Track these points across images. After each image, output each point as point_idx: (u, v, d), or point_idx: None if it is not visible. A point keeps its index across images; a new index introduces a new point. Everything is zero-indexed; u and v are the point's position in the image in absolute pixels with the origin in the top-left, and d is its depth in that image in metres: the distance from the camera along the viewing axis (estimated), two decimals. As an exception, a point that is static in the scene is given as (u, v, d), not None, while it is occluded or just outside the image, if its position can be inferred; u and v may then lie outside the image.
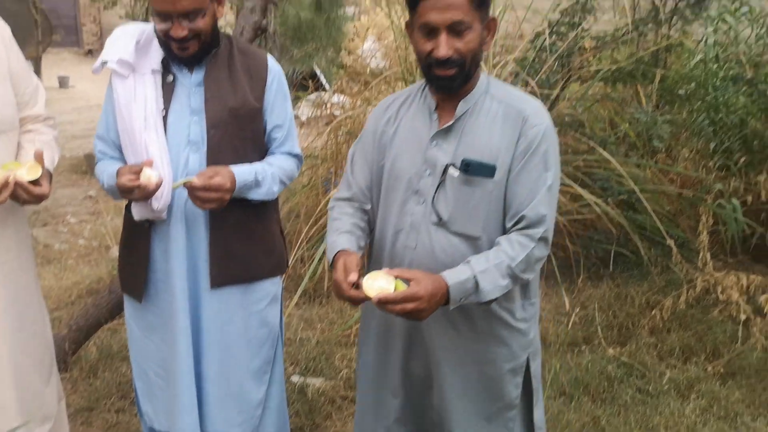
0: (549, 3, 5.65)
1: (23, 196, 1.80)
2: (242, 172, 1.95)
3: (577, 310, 3.84)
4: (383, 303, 1.53)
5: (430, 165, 1.71)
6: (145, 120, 1.93)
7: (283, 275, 2.26)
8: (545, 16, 4.69)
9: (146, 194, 1.85)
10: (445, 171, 1.69)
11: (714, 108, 4.37)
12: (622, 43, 4.60)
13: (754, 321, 3.30)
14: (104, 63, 1.98)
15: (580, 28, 4.36)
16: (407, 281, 1.56)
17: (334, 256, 1.71)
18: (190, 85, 1.98)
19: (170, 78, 1.98)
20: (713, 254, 3.85)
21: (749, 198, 4.15)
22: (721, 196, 4.13)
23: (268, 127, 2.09)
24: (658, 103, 4.83)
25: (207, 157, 1.97)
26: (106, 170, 2.02)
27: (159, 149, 1.92)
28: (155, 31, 1.93)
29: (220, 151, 1.97)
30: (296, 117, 3.99)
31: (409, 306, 1.52)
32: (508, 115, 1.68)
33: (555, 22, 4.46)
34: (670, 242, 3.82)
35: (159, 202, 1.91)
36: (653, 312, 3.59)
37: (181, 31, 1.84)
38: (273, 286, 2.17)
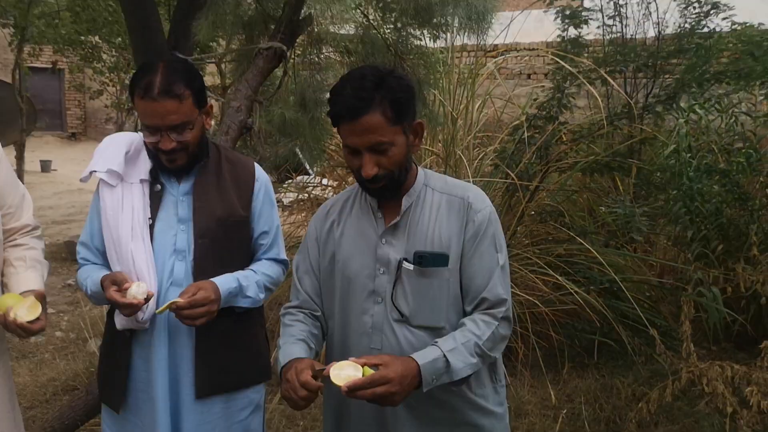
0: (524, 90, 5.85)
1: (21, 334, 1.80)
2: (225, 281, 1.95)
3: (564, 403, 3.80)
4: (353, 390, 1.48)
5: (383, 263, 1.73)
6: (132, 229, 1.94)
7: (267, 382, 2.22)
8: (523, 109, 4.85)
9: (133, 311, 1.85)
10: (399, 267, 1.70)
11: (689, 197, 4.47)
12: (598, 136, 4.74)
13: (741, 413, 3.28)
14: (93, 172, 2.00)
15: (557, 123, 4.49)
16: (376, 367, 1.52)
17: (285, 364, 1.66)
18: (178, 194, 2.01)
19: (158, 187, 2.00)
20: (696, 342, 3.85)
21: (729, 287, 4.19)
22: (700, 284, 4.17)
23: (255, 234, 2.11)
24: (635, 194, 4.93)
25: (193, 266, 1.97)
26: (90, 276, 2.01)
27: (146, 259, 1.93)
28: (144, 142, 1.96)
29: (206, 260, 1.98)
30: (279, 201, 4.01)
31: (380, 390, 1.49)
32: (451, 203, 1.73)
33: (532, 116, 4.60)
34: (653, 332, 3.82)
35: (144, 314, 1.90)
36: (640, 405, 3.55)
37: (169, 143, 1.88)
38: (256, 393, 2.13)
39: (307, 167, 8.50)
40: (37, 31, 8.11)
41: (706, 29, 4.85)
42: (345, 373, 1.51)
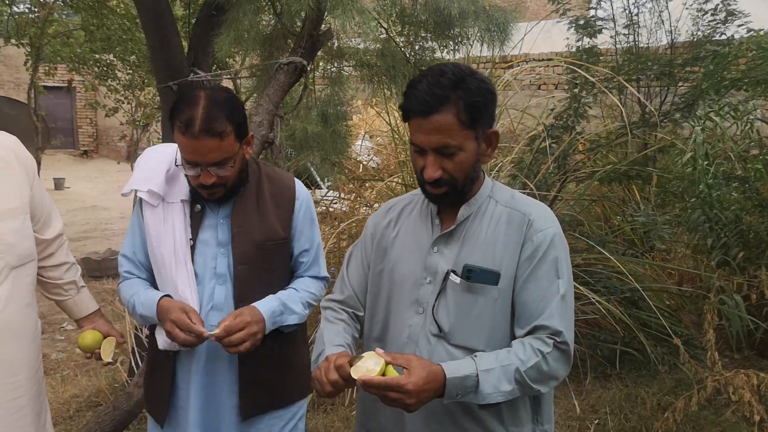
0: (539, 101, 5.86)
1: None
2: (267, 303, 1.93)
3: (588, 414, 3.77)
4: (366, 385, 1.42)
5: (431, 272, 1.63)
6: (174, 253, 1.93)
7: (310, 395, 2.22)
8: (539, 119, 4.85)
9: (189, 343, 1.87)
10: (445, 278, 1.59)
11: (708, 204, 4.46)
12: (616, 145, 4.74)
13: (768, 422, 3.25)
14: (134, 190, 1.99)
15: (574, 133, 4.50)
16: (400, 368, 1.44)
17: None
18: (218, 216, 1.98)
19: (198, 207, 1.98)
20: (718, 350, 3.83)
21: (752, 294, 4.16)
22: (722, 292, 4.15)
23: (296, 252, 2.08)
24: (656, 202, 4.92)
25: (233, 291, 1.96)
26: (138, 293, 1.99)
27: (188, 284, 1.92)
28: (185, 175, 1.94)
29: (246, 286, 1.96)
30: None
31: (393, 395, 1.40)
32: (512, 219, 1.60)
33: (550, 126, 4.60)
34: (677, 341, 3.80)
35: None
36: (666, 415, 3.53)
37: (209, 179, 1.85)
38: (299, 408, 2.13)
39: (319, 181, 8.56)
40: (52, 49, 8.19)
41: (723, 36, 4.86)
42: (365, 365, 1.45)
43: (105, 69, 8.08)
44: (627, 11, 5.41)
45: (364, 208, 4.96)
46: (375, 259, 1.77)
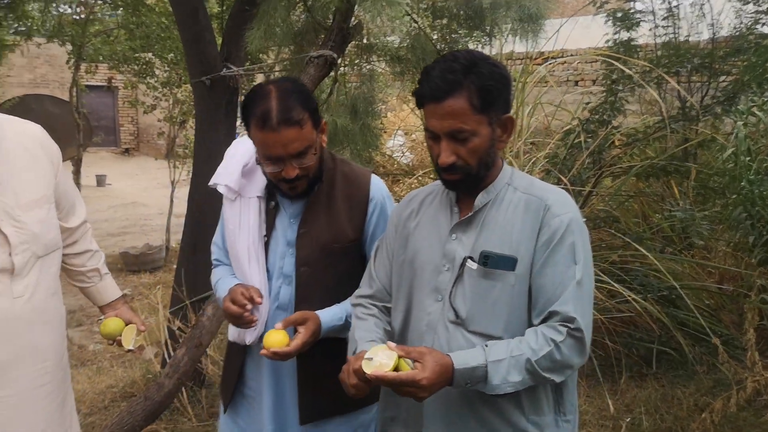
0: (575, 97, 5.76)
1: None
2: (331, 319, 1.89)
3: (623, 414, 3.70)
4: (379, 381, 1.43)
5: (449, 259, 1.62)
6: (248, 248, 1.94)
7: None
8: (574, 113, 4.77)
9: (241, 322, 1.89)
10: (462, 264, 1.59)
11: (750, 201, 4.33)
12: (654, 139, 4.63)
13: (811, 424, 3.14)
14: (216, 184, 2.02)
15: (610, 127, 4.41)
16: (411, 361, 1.45)
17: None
18: (288, 216, 1.96)
19: (272, 204, 1.97)
20: (760, 351, 3.71)
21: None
22: (764, 291, 4.03)
23: (368, 255, 1.98)
24: (695, 198, 4.80)
25: (296, 294, 1.94)
26: (221, 279, 2.06)
27: (260, 282, 1.94)
28: (263, 173, 1.92)
29: (308, 288, 1.94)
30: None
31: (406, 389, 1.42)
32: (529, 204, 1.59)
33: (585, 120, 4.52)
34: (716, 340, 3.70)
35: (253, 336, 1.95)
36: (703, 415, 3.44)
37: (293, 171, 1.81)
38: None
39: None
40: (93, 48, 8.35)
41: (766, 28, 4.71)
42: (378, 359, 1.45)
43: (144, 67, 8.20)
44: (666, 3, 5.28)
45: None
46: (398, 249, 1.76)
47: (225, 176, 1.98)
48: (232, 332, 2.00)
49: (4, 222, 1.74)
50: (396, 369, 1.45)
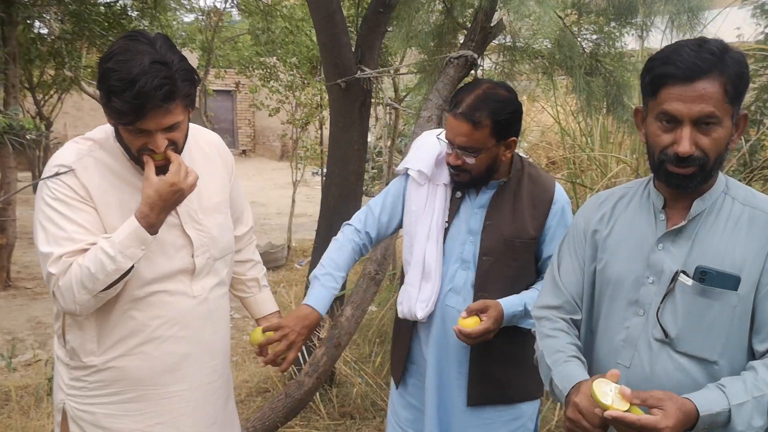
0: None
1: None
2: (512, 305, 1.97)
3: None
4: (617, 421, 1.31)
5: (655, 271, 1.49)
6: (429, 229, 2.06)
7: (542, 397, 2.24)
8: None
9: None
10: (674, 279, 1.46)
11: None
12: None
13: None
14: (407, 168, 2.17)
15: (763, 128, 4.11)
16: (645, 406, 1.32)
17: (570, 389, 1.46)
18: (474, 206, 2.07)
19: (458, 194, 2.10)
20: None
21: None
22: None
23: (543, 255, 2.09)
24: None
25: (475, 280, 2.05)
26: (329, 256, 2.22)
27: (436, 261, 2.06)
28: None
29: (488, 276, 2.04)
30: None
31: None
32: (754, 219, 1.45)
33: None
34: None
35: (423, 312, 2.05)
36: None
37: (455, 160, 1.98)
38: (528, 407, 2.15)
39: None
40: (222, 54, 8.72)
41: None
42: (611, 399, 1.34)
43: (268, 71, 8.47)
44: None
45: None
46: (588, 255, 1.65)
47: (416, 161, 2.14)
48: (402, 309, 2.12)
49: (188, 225, 1.81)
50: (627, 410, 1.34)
